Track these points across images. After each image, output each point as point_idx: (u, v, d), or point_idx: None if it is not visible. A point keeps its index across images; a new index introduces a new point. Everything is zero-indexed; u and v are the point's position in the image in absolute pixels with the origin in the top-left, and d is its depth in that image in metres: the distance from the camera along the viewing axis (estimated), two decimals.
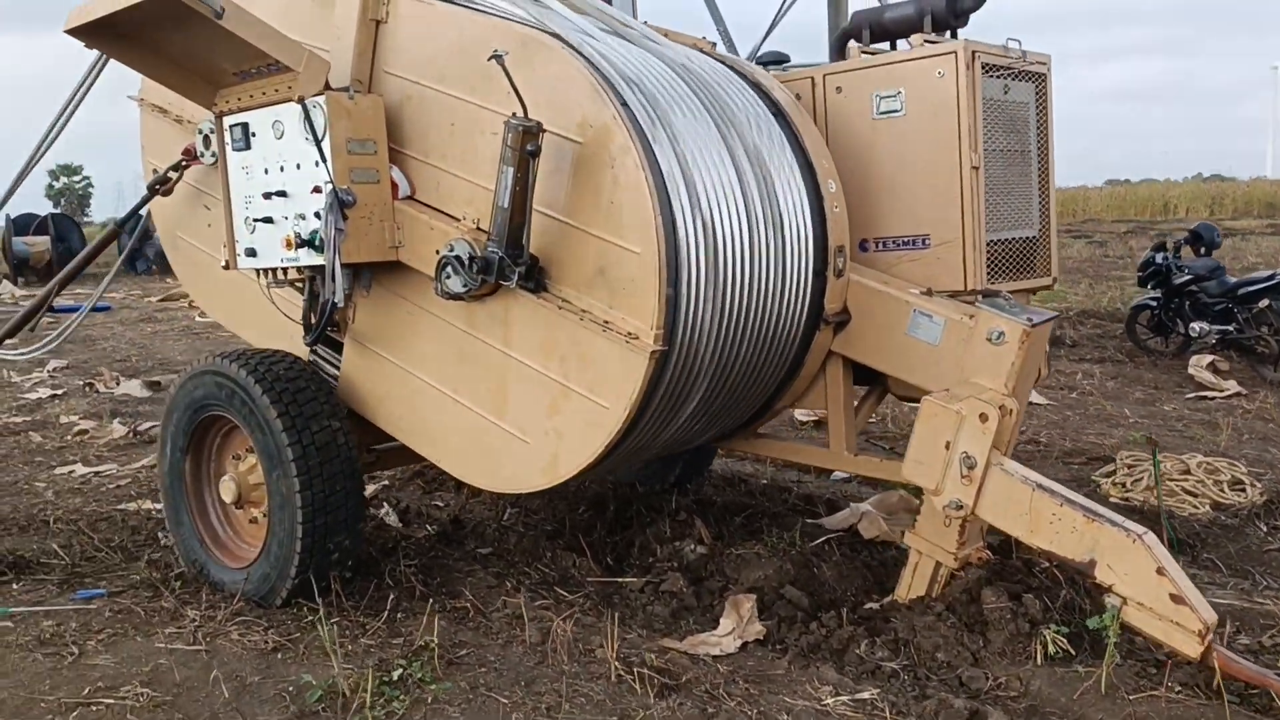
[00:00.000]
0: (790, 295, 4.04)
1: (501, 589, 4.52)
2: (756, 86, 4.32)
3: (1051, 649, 3.67)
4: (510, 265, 3.66)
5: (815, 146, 4.25)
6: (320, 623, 3.96)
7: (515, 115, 3.58)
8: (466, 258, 3.85)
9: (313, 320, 4.40)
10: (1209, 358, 9.28)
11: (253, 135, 4.25)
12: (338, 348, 4.70)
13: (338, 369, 4.68)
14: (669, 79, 3.92)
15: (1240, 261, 19.26)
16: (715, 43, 4.74)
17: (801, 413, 7.68)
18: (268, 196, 4.22)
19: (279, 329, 4.81)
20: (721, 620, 4.12)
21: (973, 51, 4.21)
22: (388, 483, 6.43)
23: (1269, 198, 43.42)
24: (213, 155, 4.82)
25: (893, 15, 4.54)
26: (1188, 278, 9.74)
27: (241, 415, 4.31)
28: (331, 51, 4.18)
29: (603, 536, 5.19)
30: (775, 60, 5.02)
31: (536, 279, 3.75)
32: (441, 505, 6.01)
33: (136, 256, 25.77)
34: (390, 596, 4.34)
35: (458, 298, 3.94)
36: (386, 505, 5.86)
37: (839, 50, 4.78)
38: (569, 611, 4.16)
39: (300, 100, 3.85)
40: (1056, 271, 4.81)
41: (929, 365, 4.13)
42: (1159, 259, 10.07)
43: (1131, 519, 3.69)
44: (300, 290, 4.50)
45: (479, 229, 3.92)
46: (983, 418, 3.72)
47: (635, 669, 3.67)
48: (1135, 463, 6.25)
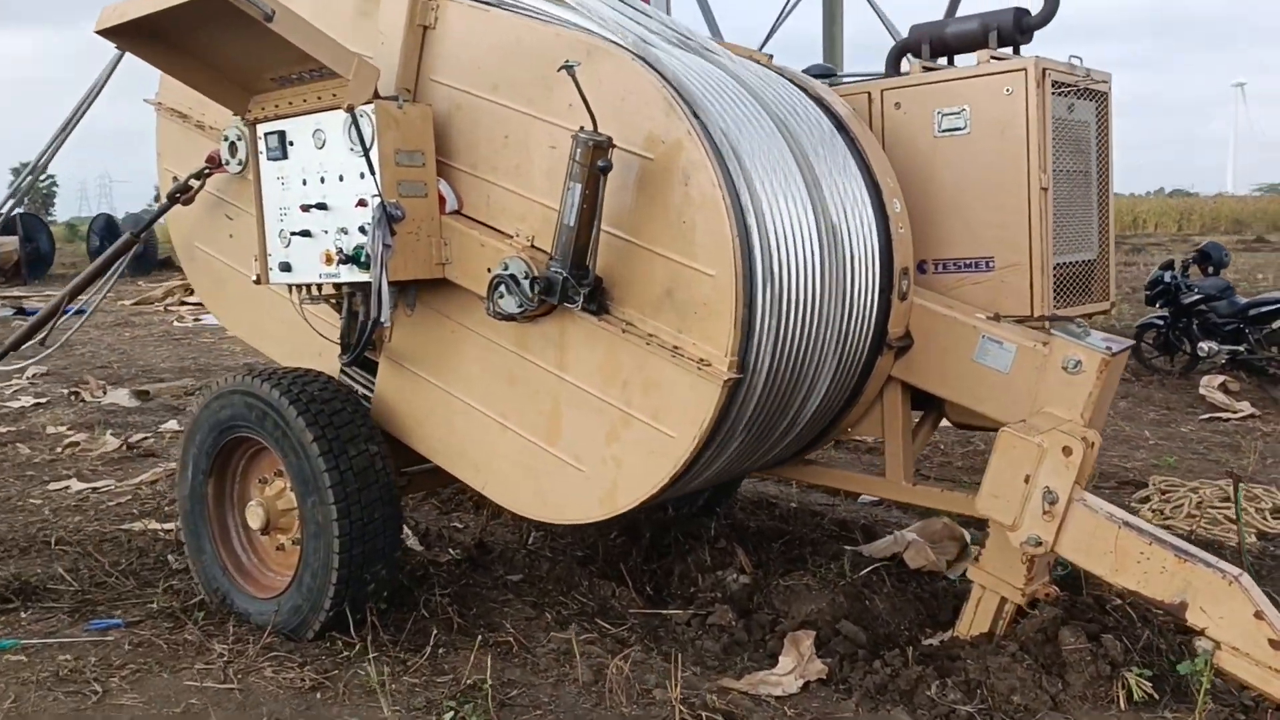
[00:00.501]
0: (856, 318, 3.87)
1: (542, 621, 4.31)
2: (819, 101, 4.16)
3: (1136, 693, 3.51)
4: (575, 286, 3.47)
5: (880, 164, 4.09)
6: (368, 660, 3.75)
7: (584, 129, 3.39)
8: (523, 277, 3.66)
9: (352, 339, 4.17)
10: (1220, 378, 9.22)
11: (290, 144, 4.04)
12: (369, 367, 4.50)
13: (369, 389, 4.47)
14: (736, 93, 3.75)
15: None
16: (772, 55, 4.57)
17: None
18: (306, 209, 4.00)
19: (307, 346, 4.60)
20: (781, 658, 3.94)
21: (1043, 68, 4.07)
22: (404, 503, 6.20)
23: (1235, 214, 43.94)
24: (240, 163, 4.60)
25: (955, 30, 4.39)
26: (1197, 297, 9.68)
27: (274, 438, 4.09)
28: (375, 57, 3.97)
29: (639, 564, 5.00)
30: (824, 74, 4.86)
31: (599, 301, 3.56)
32: (461, 527, 5.80)
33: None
34: (431, 630, 4.13)
35: (510, 318, 3.74)
36: (406, 529, 5.63)
37: (893, 65, 4.63)
38: (620, 649, 3.97)
39: (349, 108, 3.65)
40: (1113, 295, 4.68)
41: (998, 394, 3.98)
42: (1167, 278, 10.01)
43: None
44: (335, 307, 4.28)
45: (534, 247, 3.73)
46: (1066, 451, 3.56)
47: (697, 710, 3.49)
48: (1170, 488, 6.14)
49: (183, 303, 20.86)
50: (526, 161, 3.76)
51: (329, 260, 3.96)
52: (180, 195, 4.82)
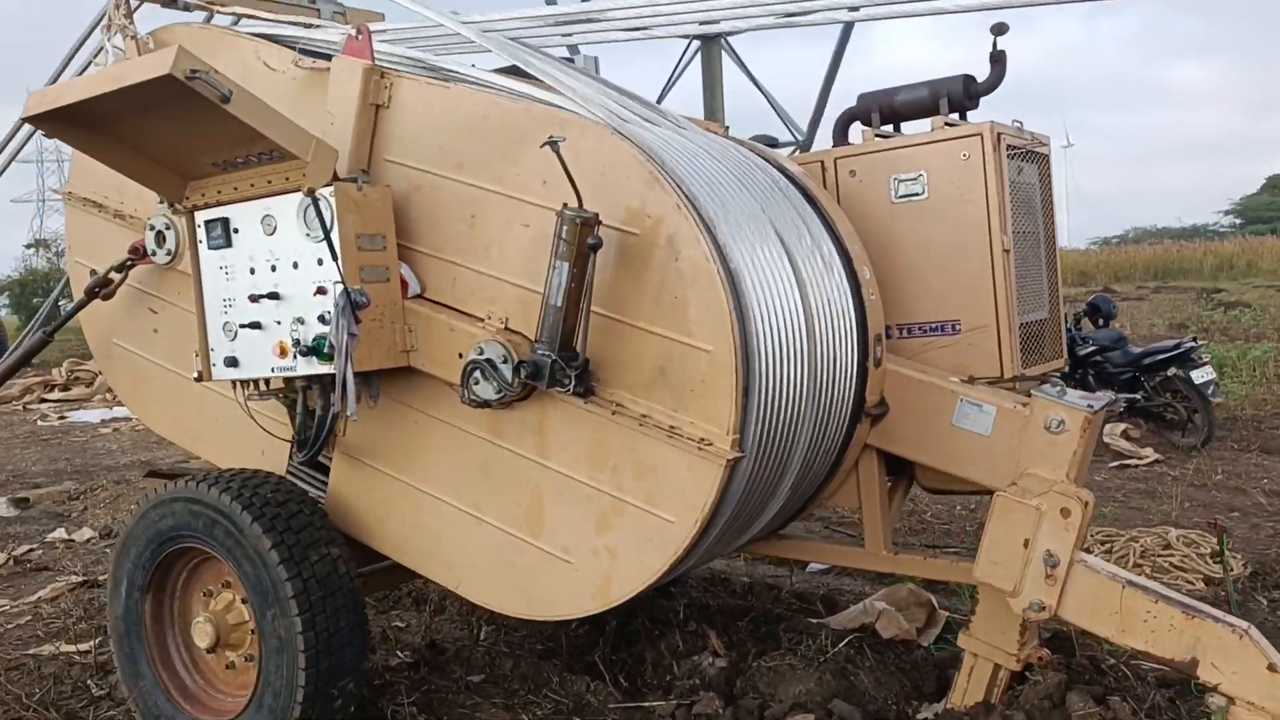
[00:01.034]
0: (838, 388, 3.80)
1: None
2: (783, 171, 4.12)
3: None
4: (565, 369, 3.31)
5: (847, 232, 4.06)
6: None
7: (568, 206, 3.26)
8: (500, 361, 3.48)
9: (307, 435, 3.90)
10: (1121, 426, 9.50)
11: (235, 232, 3.79)
12: (317, 466, 4.22)
13: (319, 489, 4.20)
14: (713, 165, 3.67)
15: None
16: (728, 127, 4.53)
17: None
18: (255, 299, 3.75)
19: (248, 446, 4.31)
20: None
21: (998, 133, 4.12)
22: None
23: (1079, 266, 46.17)
24: (169, 253, 4.33)
25: (905, 98, 4.42)
26: (1092, 348, 9.99)
27: (225, 548, 3.78)
28: (324, 138, 3.77)
29: (608, 654, 4.78)
30: (769, 144, 4.83)
31: (585, 383, 3.40)
32: (404, 626, 5.49)
33: None
34: None
35: (486, 405, 3.55)
36: None
37: (841, 133, 4.64)
38: None
39: (310, 192, 3.44)
40: (1064, 353, 4.73)
41: (979, 458, 3.94)
42: None
43: None
44: (287, 403, 4.00)
45: (508, 329, 3.56)
46: (1064, 512, 3.53)
47: None
48: (1108, 539, 6.23)
49: (43, 400, 19.82)
50: (498, 242, 3.60)
51: (283, 353, 3.70)
52: (100, 290, 4.49)
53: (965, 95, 4.33)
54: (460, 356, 3.60)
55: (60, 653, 5.22)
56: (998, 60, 4.32)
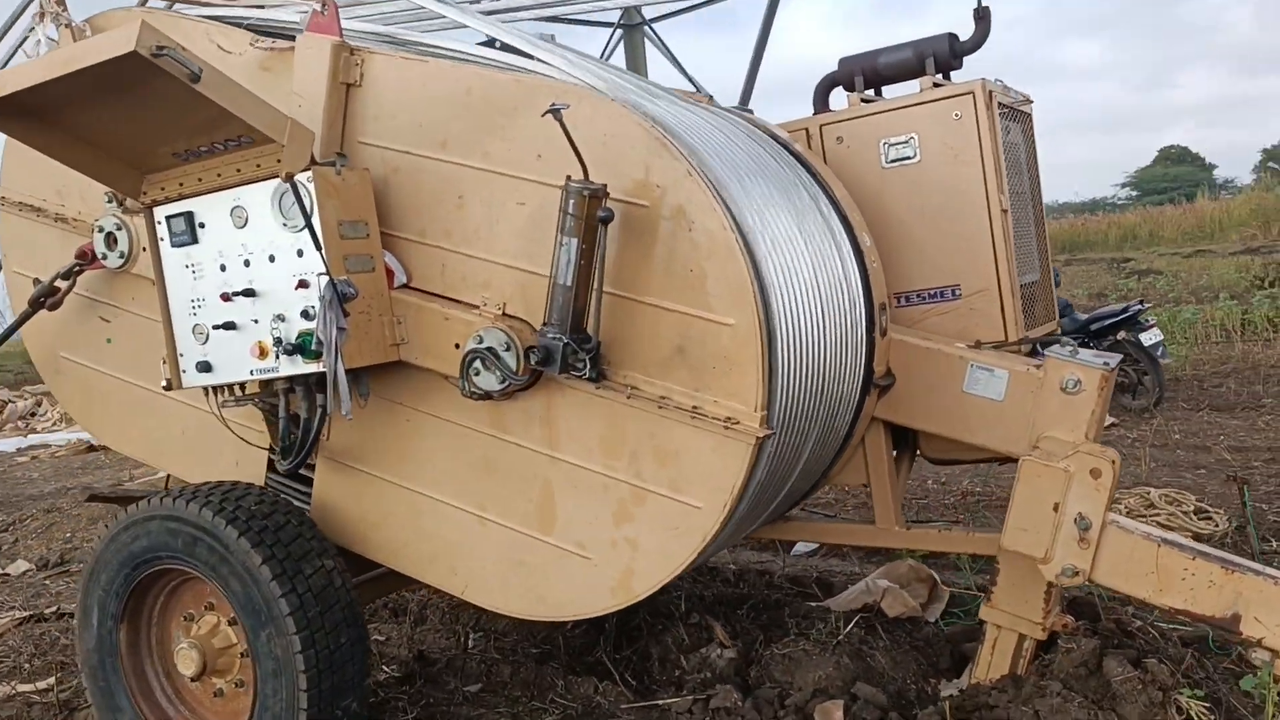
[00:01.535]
0: (849, 359, 3.65)
1: None
2: (776, 139, 3.96)
3: (1195, 717, 3.38)
4: (578, 353, 3.11)
5: (845, 200, 3.92)
6: None
7: (573, 178, 3.06)
8: (503, 348, 3.27)
9: (290, 441, 3.64)
10: None
11: (200, 226, 3.52)
12: (293, 474, 3.96)
13: (298, 499, 3.94)
14: (714, 134, 3.50)
15: None
16: (711, 96, 4.35)
17: None
18: (228, 298, 3.48)
19: (219, 457, 4.04)
20: None
21: (989, 91, 4.01)
22: None
23: None
24: (120, 256, 4.03)
25: (889, 60, 4.29)
26: None
27: (209, 566, 3.51)
28: None
29: (610, 654, 4.58)
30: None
31: (597, 367, 3.20)
32: (384, 639, 5.22)
33: None
34: None
35: (487, 397, 3.34)
36: None
37: (822, 100, 4.49)
38: None
39: (288, 177, 3.19)
40: (1056, 315, 4.66)
41: (993, 423, 3.83)
42: None
43: None
44: (266, 409, 3.74)
45: (507, 315, 3.35)
46: (1094, 473, 3.43)
47: None
48: None
49: None
50: (490, 223, 3.38)
51: (263, 353, 3.44)
52: (45, 300, 4.16)
53: (951, 54, 4.22)
54: (457, 347, 3.38)
55: (17, 693, 4.86)
56: (982, 17, 4.22)
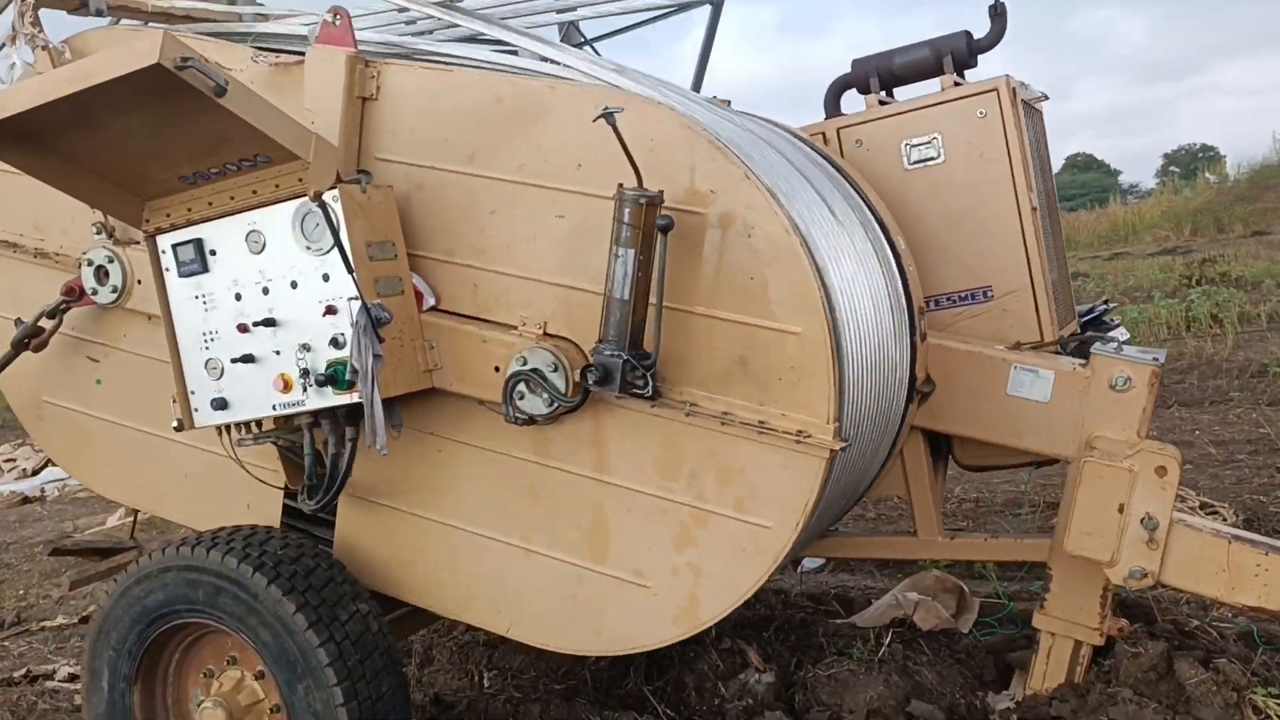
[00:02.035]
0: (899, 366, 3.53)
1: None
2: (807, 144, 3.84)
3: (1274, 716, 3.30)
4: (639, 371, 2.94)
5: (878, 203, 3.81)
6: None
7: (624, 186, 2.90)
8: (550, 370, 3.09)
9: (316, 479, 3.41)
10: None
11: (211, 254, 3.29)
12: (301, 515, 3.74)
13: (317, 540, 3.71)
14: (753, 137, 3.36)
15: None
16: (729, 101, 4.22)
17: None
18: (245, 329, 3.26)
19: (231, 500, 3.80)
20: None
21: (1013, 87, 3.94)
22: None
23: None
24: (113, 290, 3.78)
25: (904, 60, 4.20)
26: None
27: (235, 618, 3.27)
28: None
29: (639, 685, 4.39)
30: None
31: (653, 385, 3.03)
32: None
33: None
34: None
35: (531, 421, 3.16)
36: None
37: (834, 103, 4.38)
38: None
39: (317, 196, 2.98)
40: (1075, 314, 4.59)
41: (1040, 425, 3.73)
42: None
43: None
44: (286, 446, 3.51)
45: (548, 335, 3.18)
46: (1160, 471, 3.34)
47: None
48: None
49: None
50: (526, 238, 3.21)
51: (287, 386, 3.22)
52: (30, 341, 3.88)
53: (968, 53, 4.14)
54: (497, 370, 3.19)
55: None
56: (998, 14, 4.15)
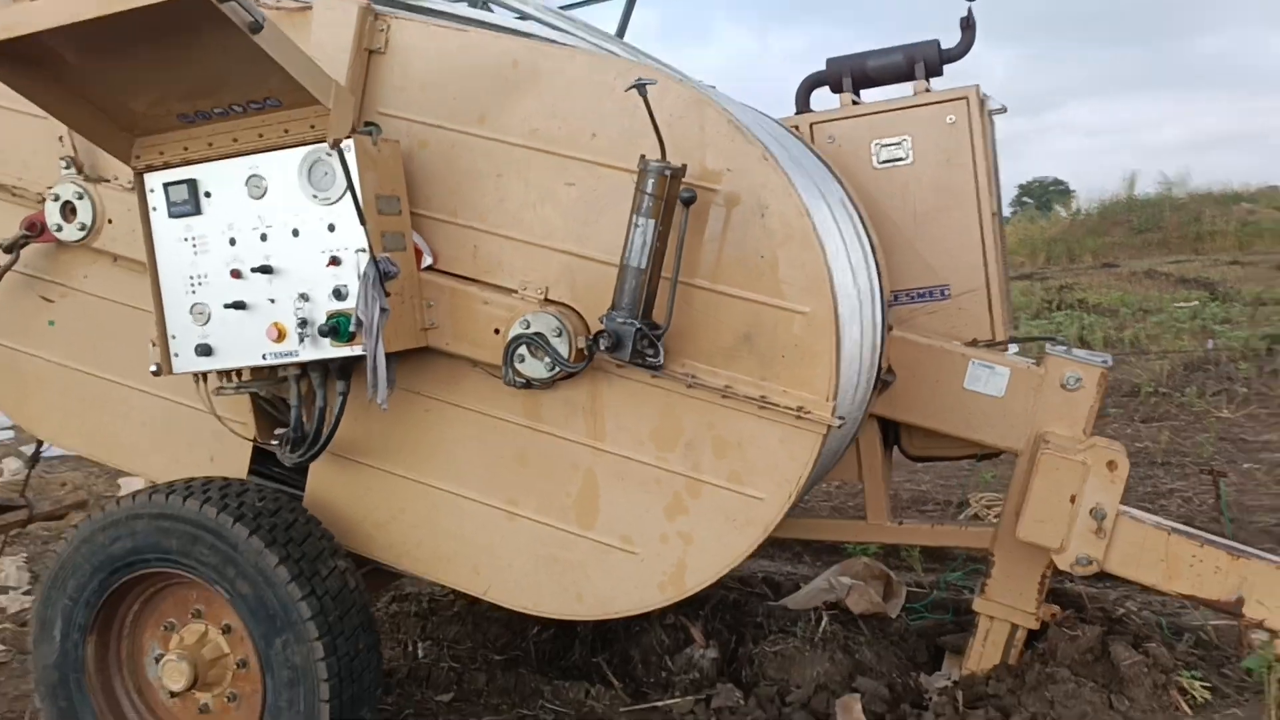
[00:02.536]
0: (873, 353, 3.68)
1: None
2: (793, 134, 3.96)
3: (1198, 697, 3.56)
4: (650, 341, 3.00)
5: (855, 196, 3.95)
6: None
7: (647, 157, 2.96)
8: (553, 334, 3.13)
9: (303, 432, 3.35)
10: None
11: (206, 195, 3.22)
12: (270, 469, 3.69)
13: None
14: (755, 122, 3.46)
15: None
16: (714, 86, 4.29)
17: None
18: (238, 275, 3.19)
19: (192, 451, 3.71)
20: None
21: (981, 98, 4.14)
22: None
23: None
24: (80, 228, 3.65)
25: (878, 63, 4.35)
26: None
27: (211, 568, 3.20)
28: None
29: (585, 657, 4.45)
30: None
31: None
32: None
33: None
34: None
35: (529, 385, 3.19)
36: None
37: (804, 99, 4.52)
38: None
39: (336, 144, 2.95)
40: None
41: (994, 420, 3.93)
42: None
43: None
44: (265, 395, 3.45)
45: (548, 300, 3.21)
46: (1110, 466, 3.57)
47: None
48: (993, 503, 6.47)
49: None
50: (534, 203, 3.23)
51: (280, 336, 3.17)
52: None
53: (939, 60, 4.32)
54: (497, 333, 3.21)
55: None
56: (969, 26, 4.34)
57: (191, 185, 3.22)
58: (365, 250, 3.02)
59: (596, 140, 3.16)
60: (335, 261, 3.09)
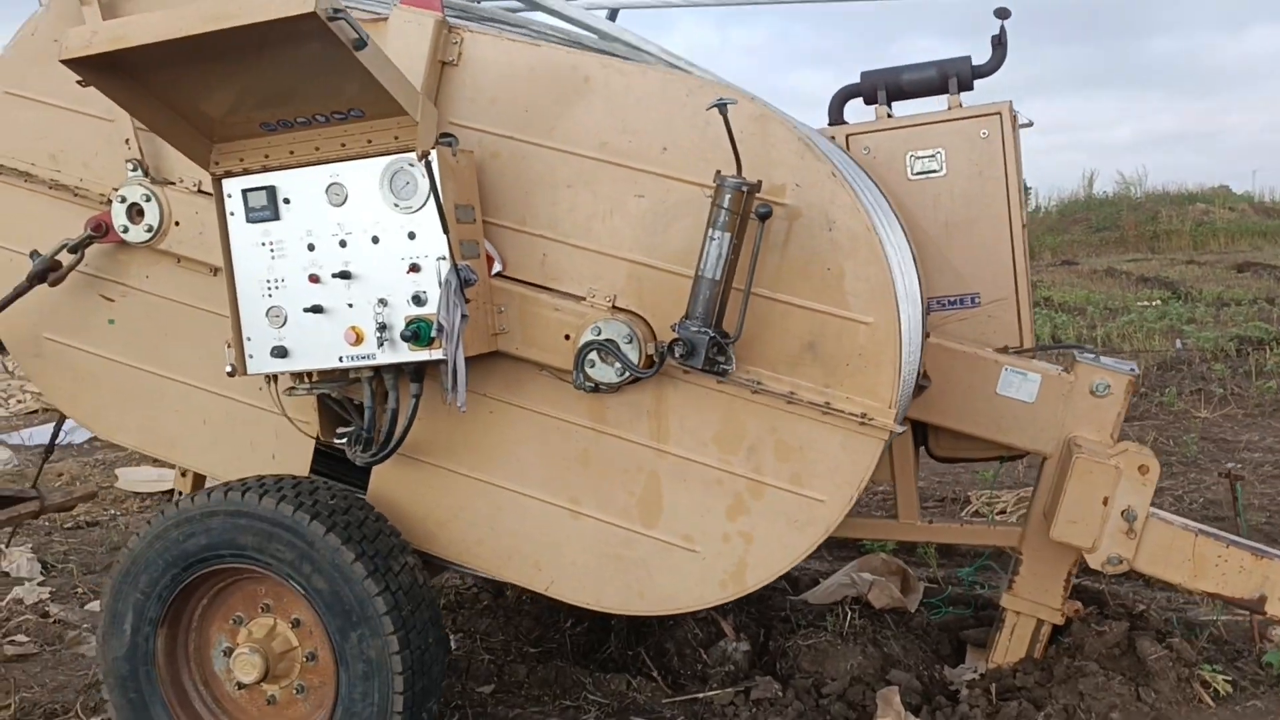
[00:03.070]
0: (918, 359, 3.83)
1: None
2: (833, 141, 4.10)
3: (1221, 690, 3.75)
4: (722, 349, 3.13)
5: (895, 206, 4.10)
6: None
7: (724, 174, 3.08)
8: (624, 341, 3.25)
9: (373, 433, 3.45)
10: None
11: (285, 202, 3.30)
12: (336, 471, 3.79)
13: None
14: (808, 134, 3.59)
15: None
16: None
17: None
18: (316, 279, 3.29)
19: (254, 449, 3.80)
20: None
21: (1014, 114, 4.29)
22: None
23: None
24: (147, 229, 3.71)
25: (912, 77, 4.50)
26: None
27: (287, 564, 3.30)
28: None
29: (620, 650, 4.58)
30: None
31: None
32: None
33: None
34: None
35: (596, 390, 3.31)
36: None
37: (838, 111, 4.66)
38: None
39: (424, 155, 3.05)
40: None
41: (1025, 424, 4.09)
42: None
43: None
44: (338, 395, 3.55)
45: (616, 308, 3.33)
46: (1143, 469, 3.74)
47: None
48: (993, 500, 6.67)
49: None
50: (603, 214, 3.35)
51: (359, 339, 3.27)
52: (48, 274, 3.76)
53: (973, 75, 4.47)
54: (567, 338, 3.33)
55: None
56: (1000, 43, 4.49)
57: (271, 192, 3.30)
58: (445, 258, 3.13)
59: (667, 154, 3.28)
60: (415, 268, 3.19)
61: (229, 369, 3.41)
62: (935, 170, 4.34)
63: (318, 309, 3.29)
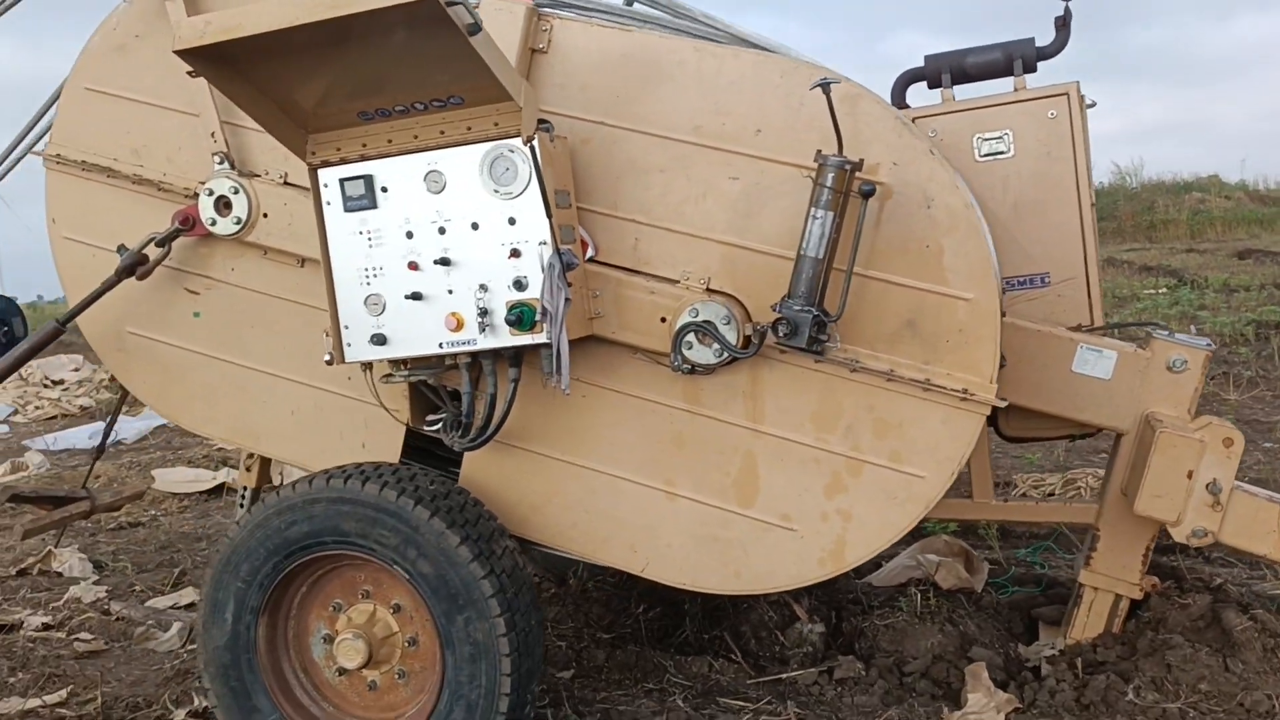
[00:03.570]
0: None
1: (678, 713, 3.86)
2: None
3: None
4: (824, 328, 3.16)
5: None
6: None
7: (827, 153, 3.11)
8: (722, 322, 3.28)
9: (471, 419, 3.48)
10: None
11: (382, 190, 3.33)
12: (422, 456, 3.82)
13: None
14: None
15: None
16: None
17: None
18: (415, 267, 3.31)
19: (344, 439, 3.82)
20: (969, 695, 3.81)
21: (1081, 94, 4.32)
22: None
23: None
24: (235, 222, 3.73)
25: (977, 60, 4.52)
26: None
27: (393, 549, 3.32)
28: None
29: (696, 633, 4.61)
30: None
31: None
32: None
33: None
34: None
35: (693, 370, 3.34)
36: None
37: (900, 94, 4.68)
38: None
39: (529, 141, 3.08)
40: None
41: (1100, 401, 4.12)
42: None
43: None
44: (431, 385, 3.57)
45: (710, 290, 3.36)
46: (1227, 443, 3.77)
47: None
48: (1038, 484, 6.71)
49: None
50: (696, 197, 3.38)
51: (459, 325, 3.29)
52: (136, 268, 3.79)
53: (1037, 56, 4.50)
54: (663, 321, 3.36)
55: (28, 709, 4.38)
56: (1064, 25, 4.52)
57: (368, 180, 3.33)
58: (547, 243, 3.16)
59: (761, 136, 3.31)
60: (516, 254, 3.22)
61: (327, 358, 3.44)
62: (1003, 152, 4.37)
63: (417, 296, 3.32)
